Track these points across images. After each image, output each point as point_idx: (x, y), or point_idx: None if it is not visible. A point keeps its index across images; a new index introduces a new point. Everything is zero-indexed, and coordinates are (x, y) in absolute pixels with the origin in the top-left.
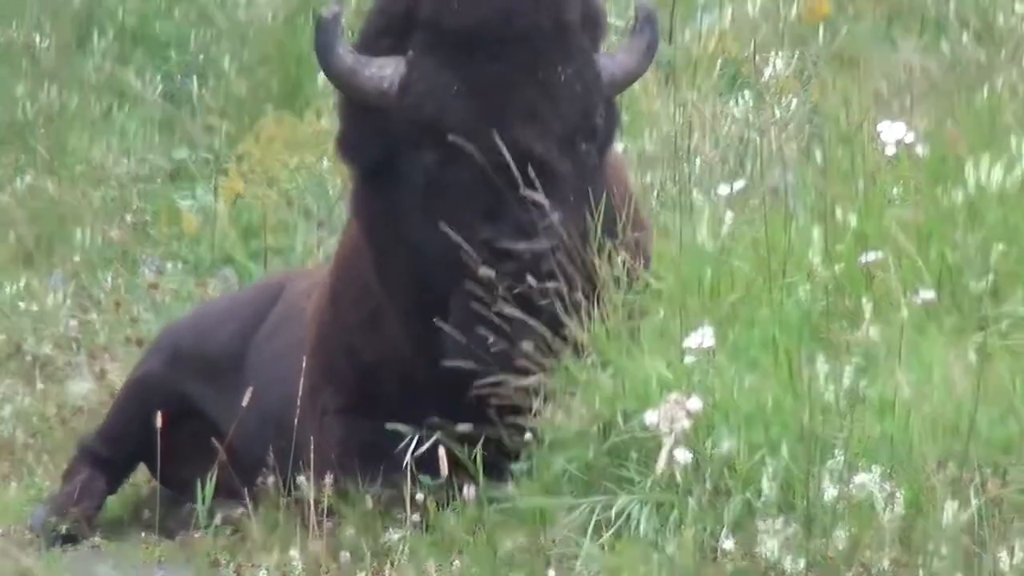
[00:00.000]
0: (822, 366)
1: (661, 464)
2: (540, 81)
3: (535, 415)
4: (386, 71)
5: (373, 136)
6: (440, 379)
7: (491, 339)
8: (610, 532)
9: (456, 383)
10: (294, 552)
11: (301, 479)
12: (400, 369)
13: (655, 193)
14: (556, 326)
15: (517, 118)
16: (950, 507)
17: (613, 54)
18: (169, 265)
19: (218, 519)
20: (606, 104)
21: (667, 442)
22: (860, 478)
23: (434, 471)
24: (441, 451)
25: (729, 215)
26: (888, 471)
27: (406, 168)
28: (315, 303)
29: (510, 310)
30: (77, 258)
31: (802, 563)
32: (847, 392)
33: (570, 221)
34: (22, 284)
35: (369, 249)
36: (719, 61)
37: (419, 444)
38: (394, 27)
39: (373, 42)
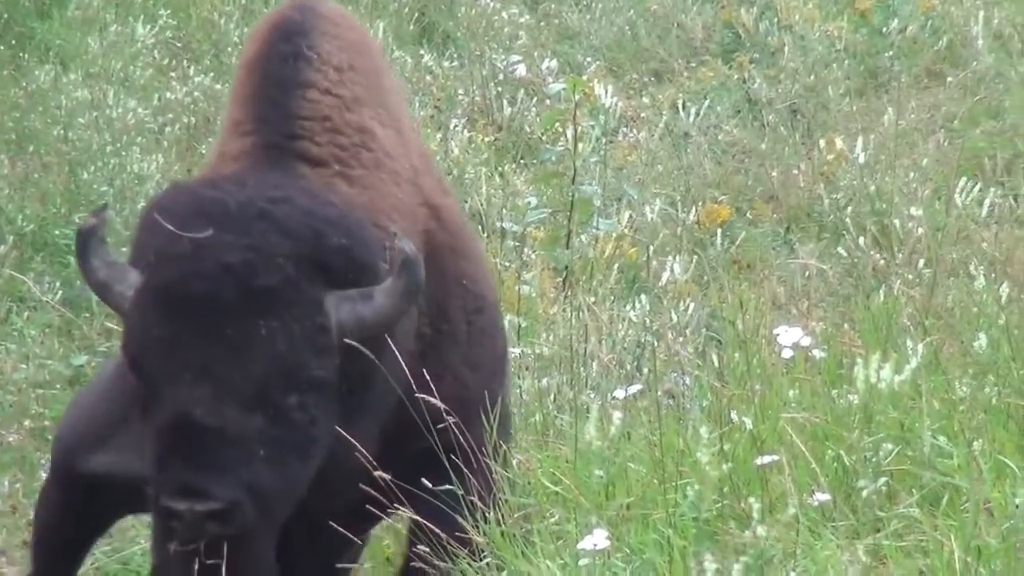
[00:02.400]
0: (710, 565)
1: None
2: (223, 342)
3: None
4: (124, 290)
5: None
6: None
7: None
8: None
9: None
10: None
11: None
12: None
13: (552, 396)
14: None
15: (189, 378)
16: None
17: (369, 293)
18: None
19: None
20: (350, 348)
21: None
22: None
23: None
24: None
25: (617, 416)
26: None
27: None
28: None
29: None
30: None
31: None
32: None
33: (264, 474)
34: None
35: None
36: (616, 265)
37: None
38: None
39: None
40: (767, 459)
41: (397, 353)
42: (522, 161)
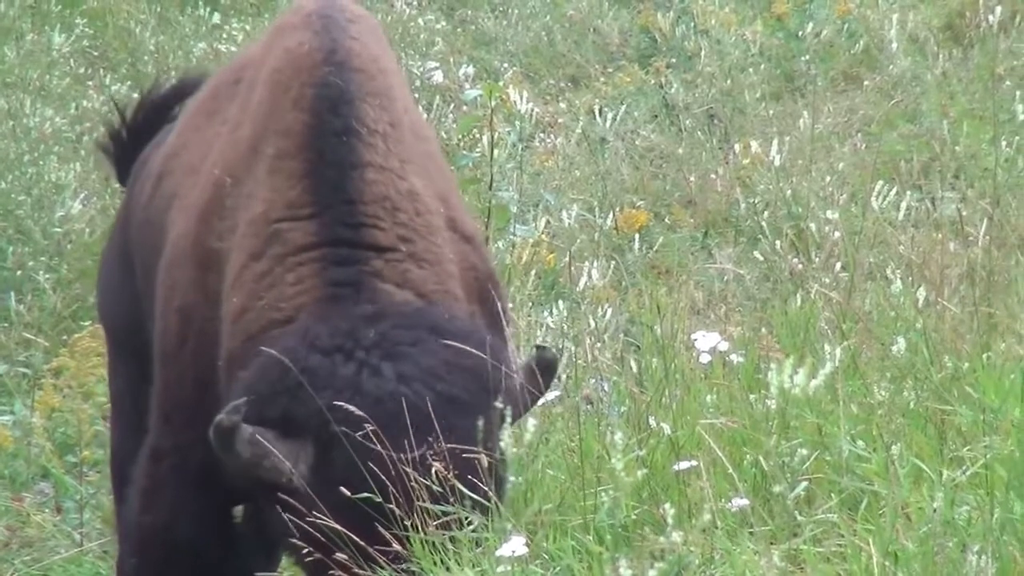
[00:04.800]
0: (626, 571)
1: None
2: None
3: None
4: (283, 467)
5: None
6: None
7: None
8: None
9: None
10: None
11: None
12: None
13: None
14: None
15: None
16: None
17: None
18: None
19: None
20: None
21: None
22: None
23: None
24: None
25: (532, 422)
26: None
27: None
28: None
29: None
30: None
31: None
32: None
33: None
34: None
35: None
36: (534, 271)
37: None
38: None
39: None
40: (685, 464)
41: None
42: None
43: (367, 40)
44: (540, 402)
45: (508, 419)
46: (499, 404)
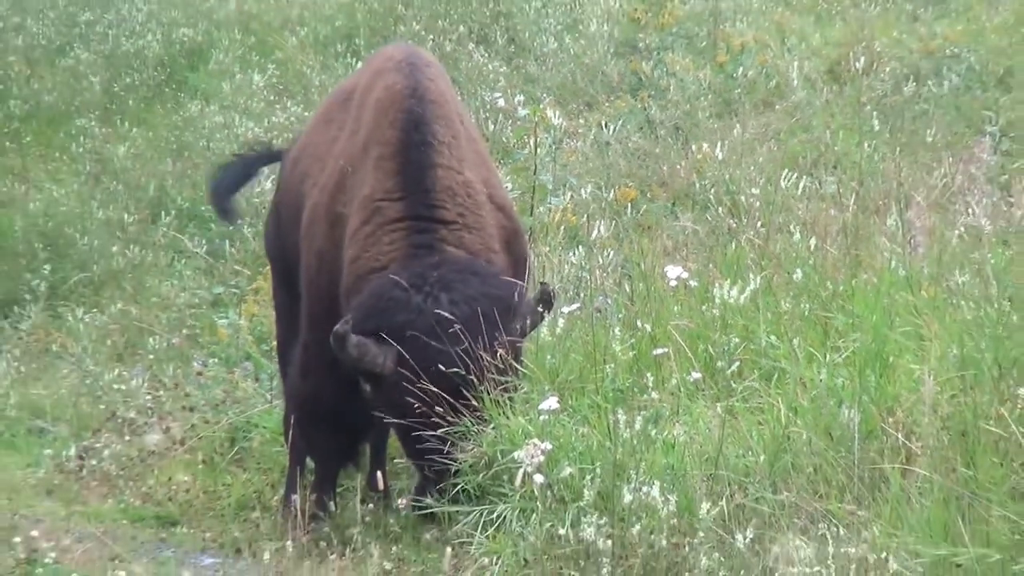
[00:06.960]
0: (622, 418)
1: (518, 483)
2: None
3: (447, 454)
4: (378, 360)
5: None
6: None
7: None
8: (493, 528)
9: None
10: (288, 543)
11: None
12: None
13: None
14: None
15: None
16: (706, 507)
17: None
18: (211, 361)
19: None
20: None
21: (523, 468)
22: (647, 489)
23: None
24: (379, 474)
25: (561, 322)
26: (668, 486)
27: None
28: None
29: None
30: (151, 356)
31: (610, 544)
32: (638, 433)
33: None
34: (116, 373)
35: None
36: (562, 227)
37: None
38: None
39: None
40: (660, 351)
41: None
42: (501, 161)
43: (437, 80)
44: (544, 322)
45: (528, 328)
46: (516, 320)
